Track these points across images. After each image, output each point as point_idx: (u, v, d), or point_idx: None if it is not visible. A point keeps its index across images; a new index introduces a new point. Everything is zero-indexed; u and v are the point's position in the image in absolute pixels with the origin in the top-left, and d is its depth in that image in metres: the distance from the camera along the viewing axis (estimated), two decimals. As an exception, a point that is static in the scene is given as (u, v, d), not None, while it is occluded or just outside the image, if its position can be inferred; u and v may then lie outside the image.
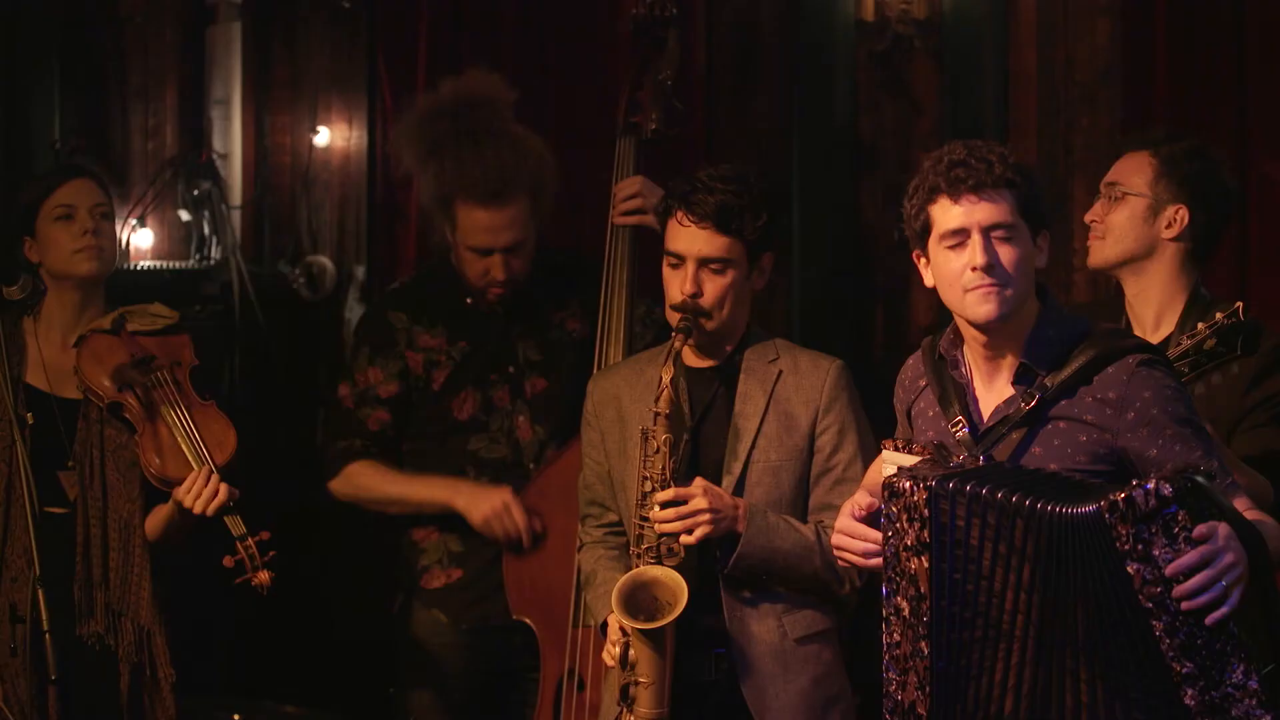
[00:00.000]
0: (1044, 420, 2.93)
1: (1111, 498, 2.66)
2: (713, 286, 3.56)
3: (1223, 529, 2.64)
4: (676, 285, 3.57)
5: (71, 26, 5.47)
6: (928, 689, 2.84)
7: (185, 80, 5.61)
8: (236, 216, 5.59)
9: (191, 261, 5.45)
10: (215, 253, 5.43)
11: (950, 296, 3.00)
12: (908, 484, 2.84)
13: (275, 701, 4.59)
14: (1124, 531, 2.65)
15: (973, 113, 5.08)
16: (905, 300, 5.17)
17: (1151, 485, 2.64)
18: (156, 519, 3.81)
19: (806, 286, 5.25)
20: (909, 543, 2.84)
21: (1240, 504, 2.82)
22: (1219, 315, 3.35)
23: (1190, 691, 2.63)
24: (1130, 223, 3.61)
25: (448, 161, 4.13)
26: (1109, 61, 4.86)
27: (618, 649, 3.47)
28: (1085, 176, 4.70)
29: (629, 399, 3.68)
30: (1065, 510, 2.71)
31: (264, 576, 3.66)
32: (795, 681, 3.56)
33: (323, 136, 5.60)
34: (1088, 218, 3.69)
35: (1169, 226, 3.59)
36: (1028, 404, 2.92)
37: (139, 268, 5.37)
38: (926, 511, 2.81)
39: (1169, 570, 2.62)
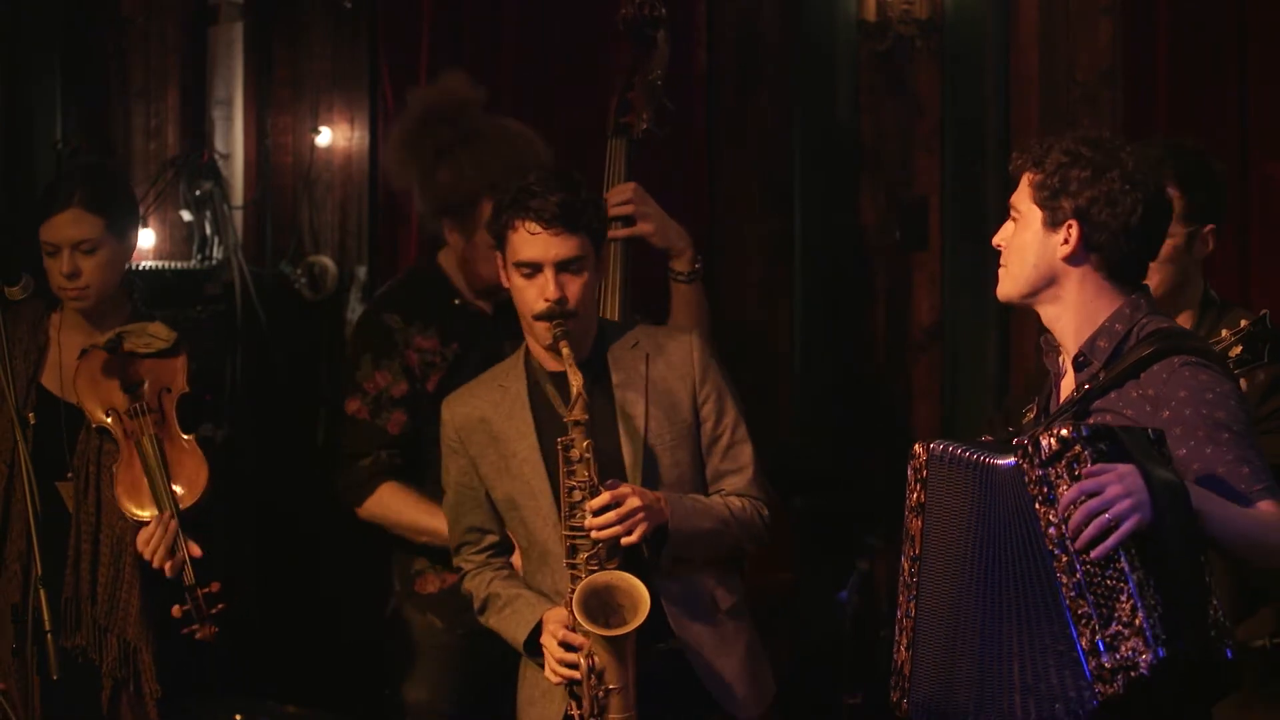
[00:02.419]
0: (1091, 412, 2.95)
1: (1024, 443, 2.76)
2: (574, 287, 3.54)
3: (1121, 467, 2.68)
4: (536, 294, 3.53)
5: (73, 27, 5.47)
6: (912, 650, 2.92)
7: (187, 80, 5.60)
8: (238, 216, 5.58)
9: (193, 262, 5.45)
10: (217, 253, 5.43)
11: None
12: (918, 447, 2.94)
13: (275, 701, 4.59)
14: (1034, 476, 2.74)
15: (974, 113, 5.09)
16: (906, 300, 5.18)
17: (1055, 429, 2.73)
18: None
19: (807, 287, 5.25)
20: (912, 503, 2.94)
21: (1266, 506, 2.80)
22: (1244, 322, 3.35)
23: (1086, 633, 2.67)
24: (1177, 265, 3.55)
25: (465, 160, 4.13)
26: (1110, 62, 4.86)
27: (578, 664, 3.41)
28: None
29: (499, 418, 3.65)
30: (995, 461, 2.82)
31: (208, 631, 3.65)
32: (734, 651, 3.62)
33: (324, 136, 5.60)
34: None
35: (1203, 245, 3.59)
36: (1078, 394, 2.95)
37: (140, 268, 5.37)
38: (925, 473, 2.91)
39: (1060, 507, 2.69)
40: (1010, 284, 3.02)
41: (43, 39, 5.36)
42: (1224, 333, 3.35)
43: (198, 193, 5.45)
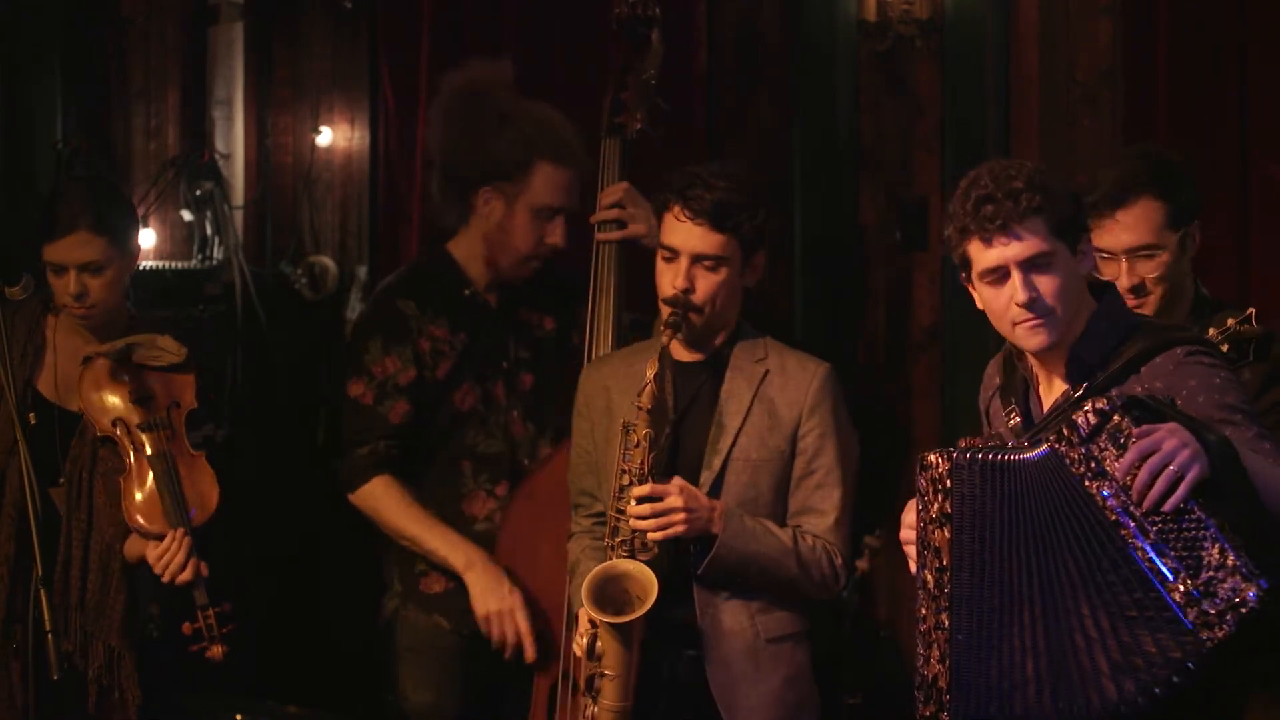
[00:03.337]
0: None
1: (1059, 429, 2.77)
2: (705, 283, 3.57)
3: (1167, 425, 2.70)
4: (669, 279, 3.58)
5: (73, 27, 5.47)
6: (947, 661, 2.89)
7: (187, 80, 5.61)
8: (239, 216, 5.59)
9: (194, 262, 5.45)
10: (217, 253, 5.43)
11: (1001, 327, 3.04)
12: (934, 457, 2.93)
13: (275, 701, 4.59)
14: (1075, 456, 2.76)
15: (974, 113, 5.08)
16: (906, 301, 5.17)
17: (1086, 406, 2.75)
18: (134, 548, 3.79)
19: (807, 287, 5.25)
20: (934, 514, 2.92)
21: None
22: (1231, 321, 3.35)
23: (1178, 588, 2.67)
24: (1175, 271, 3.58)
25: (526, 122, 4.17)
26: (1110, 62, 4.86)
27: (585, 640, 3.47)
28: (1087, 178, 4.70)
29: (618, 391, 3.69)
30: (1024, 456, 2.83)
31: (218, 650, 3.66)
32: (766, 681, 3.58)
33: (325, 136, 5.60)
34: (1124, 286, 3.55)
35: (1193, 244, 3.60)
36: (1077, 391, 2.95)
37: (141, 268, 5.37)
38: (949, 482, 2.89)
39: (1118, 474, 2.70)
40: (1058, 329, 2.96)
41: (43, 39, 5.36)
42: (1211, 332, 3.36)
43: (198, 193, 5.45)
